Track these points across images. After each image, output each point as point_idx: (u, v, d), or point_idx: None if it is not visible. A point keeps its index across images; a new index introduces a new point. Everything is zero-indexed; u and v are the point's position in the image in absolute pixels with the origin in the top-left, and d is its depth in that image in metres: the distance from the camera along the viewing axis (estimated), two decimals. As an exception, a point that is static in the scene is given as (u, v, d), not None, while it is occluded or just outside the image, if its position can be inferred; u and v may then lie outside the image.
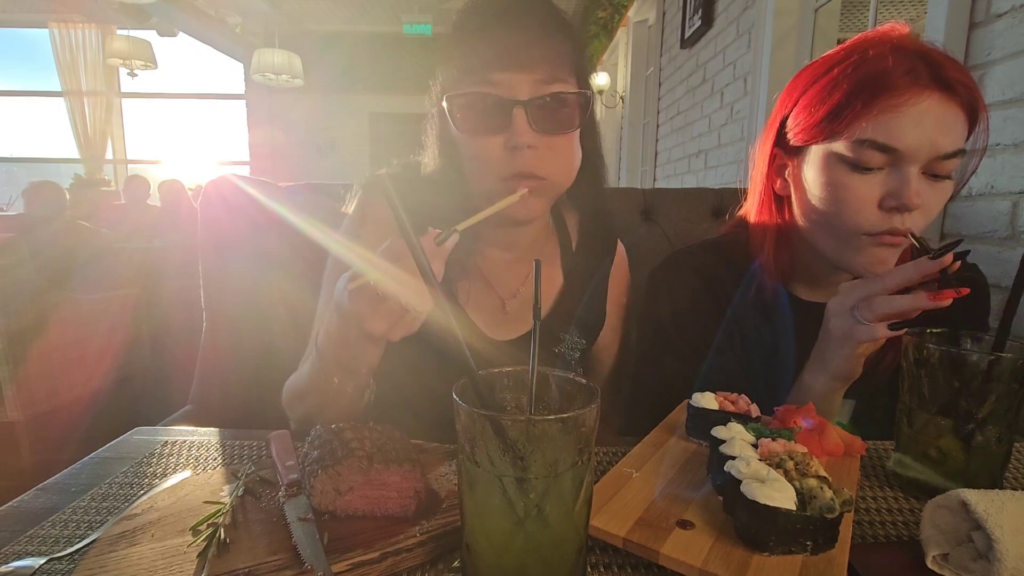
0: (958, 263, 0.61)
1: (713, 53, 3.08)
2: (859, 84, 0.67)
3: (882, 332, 0.63)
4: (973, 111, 0.68)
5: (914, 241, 0.66)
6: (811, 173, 0.73)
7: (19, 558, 0.45)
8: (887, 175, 0.68)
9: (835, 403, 0.72)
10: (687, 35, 3.43)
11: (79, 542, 0.47)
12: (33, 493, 0.56)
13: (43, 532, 0.49)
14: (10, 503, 0.54)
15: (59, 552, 0.45)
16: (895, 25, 0.72)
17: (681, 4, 3.56)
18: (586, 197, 0.82)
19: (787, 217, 0.80)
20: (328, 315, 0.67)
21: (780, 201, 0.81)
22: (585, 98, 0.73)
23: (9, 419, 2.01)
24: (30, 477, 0.59)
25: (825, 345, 0.69)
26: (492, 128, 0.70)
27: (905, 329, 0.61)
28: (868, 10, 3.98)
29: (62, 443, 2.09)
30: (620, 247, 0.97)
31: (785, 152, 0.78)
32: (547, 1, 0.74)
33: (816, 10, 2.37)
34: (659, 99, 4.26)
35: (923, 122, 0.65)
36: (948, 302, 0.60)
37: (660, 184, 4.29)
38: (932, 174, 0.67)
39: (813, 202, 0.73)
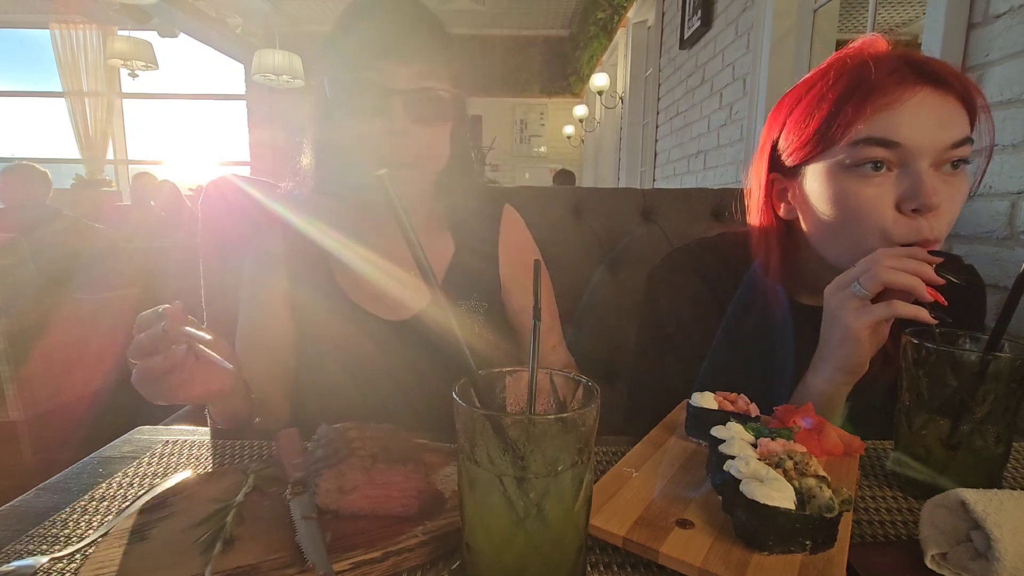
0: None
1: (712, 54, 3.09)
2: (846, 91, 0.65)
3: (881, 311, 0.60)
4: (970, 102, 0.65)
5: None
6: (816, 189, 0.69)
7: (20, 557, 0.45)
8: (898, 177, 0.64)
9: (837, 401, 0.69)
10: (686, 36, 3.44)
11: (80, 541, 0.47)
12: (35, 492, 0.56)
13: (44, 531, 0.49)
14: (11, 502, 0.54)
15: (60, 551, 0.45)
16: (869, 40, 0.70)
17: (680, 5, 3.56)
18: (459, 183, 0.88)
19: (795, 237, 0.77)
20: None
21: (786, 224, 0.77)
22: (456, 96, 0.80)
23: (11, 419, 2.02)
24: (31, 476, 0.59)
25: (828, 336, 0.66)
26: (371, 111, 0.75)
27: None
28: (867, 10, 3.99)
29: (63, 442, 2.09)
30: (509, 212, 0.99)
31: (783, 175, 0.75)
32: (420, 3, 0.80)
33: (815, 11, 2.38)
34: (658, 100, 4.26)
35: (920, 114, 0.63)
36: (943, 282, 0.60)
37: (659, 184, 4.30)
38: (944, 168, 0.64)
39: (825, 219, 0.69)
